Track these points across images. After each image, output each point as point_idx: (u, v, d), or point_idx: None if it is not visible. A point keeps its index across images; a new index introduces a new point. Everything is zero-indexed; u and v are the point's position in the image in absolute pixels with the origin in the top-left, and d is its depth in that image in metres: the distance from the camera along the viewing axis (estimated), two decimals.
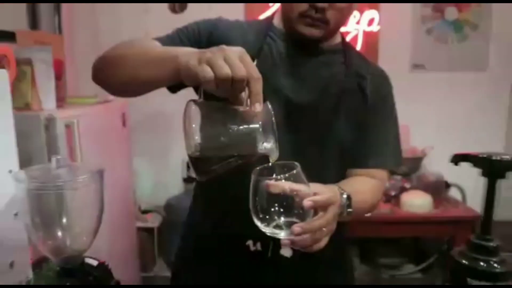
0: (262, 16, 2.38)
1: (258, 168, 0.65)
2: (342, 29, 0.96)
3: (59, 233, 0.59)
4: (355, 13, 2.40)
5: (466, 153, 0.41)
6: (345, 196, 0.76)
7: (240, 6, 2.44)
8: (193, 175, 2.28)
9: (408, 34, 2.52)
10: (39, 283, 0.58)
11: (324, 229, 0.67)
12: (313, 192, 0.65)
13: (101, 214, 0.62)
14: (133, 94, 0.85)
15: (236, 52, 0.59)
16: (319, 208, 0.67)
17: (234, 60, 0.57)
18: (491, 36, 2.49)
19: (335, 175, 0.91)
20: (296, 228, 0.63)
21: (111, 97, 1.94)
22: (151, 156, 2.53)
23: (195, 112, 0.60)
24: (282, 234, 0.65)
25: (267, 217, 0.64)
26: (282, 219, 0.65)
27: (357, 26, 2.45)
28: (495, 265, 0.38)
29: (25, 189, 0.56)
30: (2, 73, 0.65)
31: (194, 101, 0.61)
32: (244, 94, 0.62)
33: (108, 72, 0.81)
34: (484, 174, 0.39)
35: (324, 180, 0.76)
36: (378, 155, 0.95)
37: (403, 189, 2.15)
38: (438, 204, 2.11)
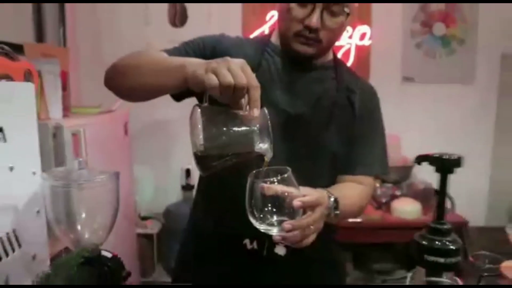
0: (258, 31, 2.48)
1: (254, 171, 0.71)
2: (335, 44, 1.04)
3: (79, 227, 0.67)
4: (348, 28, 2.50)
5: (425, 154, 0.50)
6: (332, 199, 0.83)
7: (238, 21, 2.53)
8: (191, 183, 2.33)
9: (399, 48, 2.59)
10: (60, 271, 0.65)
11: (311, 227, 0.74)
12: (303, 194, 0.72)
13: (116, 212, 0.70)
14: (142, 99, 0.93)
15: (238, 63, 0.66)
16: (308, 208, 0.73)
17: (237, 70, 0.65)
18: (477, 50, 2.59)
19: (327, 181, 0.97)
20: (287, 225, 0.70)
21: (114, 107, 2.02)
22: (151, 164, 2.58)
23: (200, 115, 0.67)
24: (274, 231, 0.72)
25: (261, 215, 0.71)
26: (275, 217, 0.72)
27: (350, 40, 2.52)
28: (447, 243, 0.46)
29: (51, 188, 0.64)
30: (30, 86, 0.73)
31: (199, 105, 0.68)
32: (243, 100, 0.68)
33: (119, 79, 0.88)
34: (437, 170, 0.47)
35: (316, 185, 0.82)
36: (365, 164, 1.02)
37: (394, 197, 2.23)
38: (428, 211, 2.18)
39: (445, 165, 0.45)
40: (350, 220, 2.05)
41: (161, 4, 2.52)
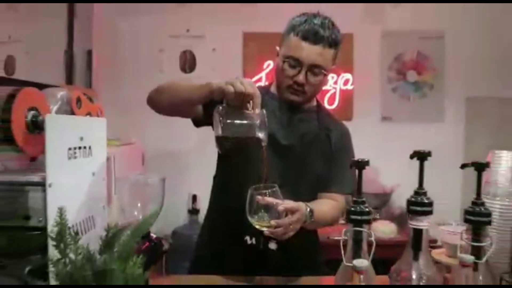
0: (256, 77, 2.85)
1: (253, 186, 1.02)
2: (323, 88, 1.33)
3: (135, 213, 0.98)
4: (333, 75, 2.82)
5: (355, 160, 0.83)
6: (308, 209, 1.09)
7: (239, 67, 2.89)
8: (197, 207, 2.66)
9: (377, 92, 2.92)
10: (120, 244, 0.95)
11: (291, 226, 1.03)
12: (286, 203, 1.03)
13: (161, 205, 1.01)
14: (175, 113, 1.26)
15: (247, 80, 1.00)
16: (288, 212, 1.03)
17: (246, 83, 0.99)
18: (445, 94, 2.93)
19: (309, 194, 1.26)
20: (273, 223, 1.01)
21: (133, 139, 2.37)
22: None
23: (221, 111, 0.98)
24: (265, 228, 1.02)
25: (257, 217, 1.02)
26: (266, 219, 1.03)
27: (335, 85, 2.86)
28: (363, 208, 0.78)
29: (122, 188, 0.97)
30: (103, 121, 1.08)
31: (220, 105, 1.01)
32: (249, 104, 0.99)
33: (161, 96, 1.22)
34: (355, 168, 0.81)
35: (300, 195, 1.13)
36: (338, 184, 1.29)
37: (374, 219, 2.53)
38: (404, 231, 2.47)
39: (360, 165, 0.79)
40: (336, 238, 2.34)
41: (174, 53, 2.90)
